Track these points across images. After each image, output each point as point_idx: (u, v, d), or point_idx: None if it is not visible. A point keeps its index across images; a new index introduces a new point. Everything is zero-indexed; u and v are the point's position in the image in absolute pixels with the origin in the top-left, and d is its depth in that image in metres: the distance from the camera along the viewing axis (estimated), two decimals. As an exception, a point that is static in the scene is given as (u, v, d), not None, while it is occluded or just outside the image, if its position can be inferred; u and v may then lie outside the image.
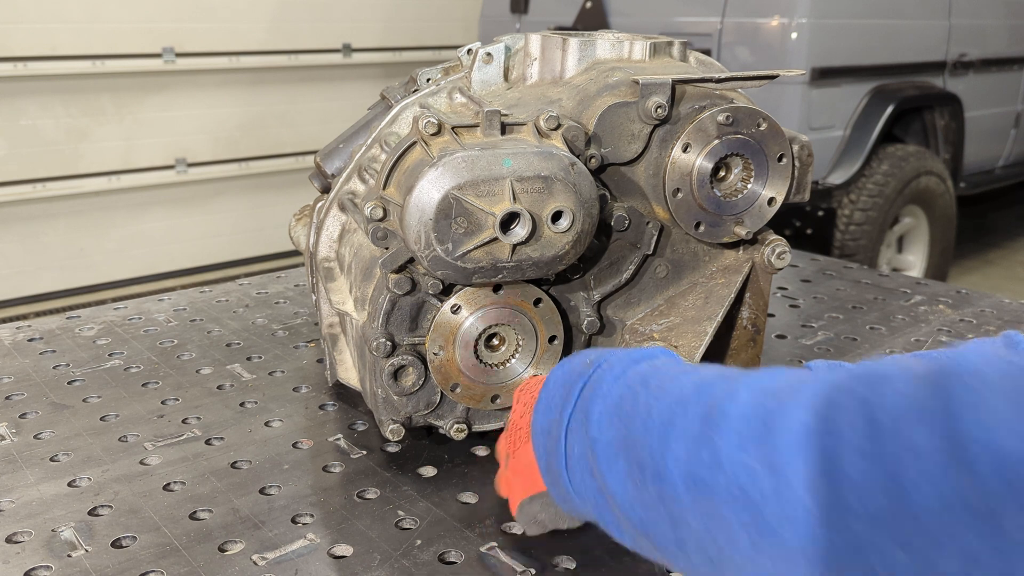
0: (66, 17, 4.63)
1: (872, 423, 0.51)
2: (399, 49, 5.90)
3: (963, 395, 0.48)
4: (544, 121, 0.98)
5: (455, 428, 1.07)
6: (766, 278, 1.13)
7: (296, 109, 5.59)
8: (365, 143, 1.14)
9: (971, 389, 0.48)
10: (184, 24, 5.00)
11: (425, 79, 1.19)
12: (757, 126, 1.04)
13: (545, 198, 0.93)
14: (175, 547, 0.92)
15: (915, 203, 4.47)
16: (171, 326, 1.57)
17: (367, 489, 1.04)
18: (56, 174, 4.78)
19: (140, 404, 1.25)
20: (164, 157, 5.13)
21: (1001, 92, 5.11)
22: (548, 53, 1.13)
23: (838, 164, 4.14)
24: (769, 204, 1.08)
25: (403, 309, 1.01)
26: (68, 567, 0.88)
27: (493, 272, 0.95)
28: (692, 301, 1.11)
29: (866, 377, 0.55)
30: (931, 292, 1.77)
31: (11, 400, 1.27)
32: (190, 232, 5.38)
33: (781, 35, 3.90)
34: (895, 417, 0.50)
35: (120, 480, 1.05)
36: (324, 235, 1.20)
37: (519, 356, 1.05)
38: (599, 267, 1.09)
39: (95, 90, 4.85)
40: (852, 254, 4.13)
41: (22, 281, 4.85)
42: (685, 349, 1.05)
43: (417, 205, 0.90)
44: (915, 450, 0.48)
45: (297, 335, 1.53)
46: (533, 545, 0.93)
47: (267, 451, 1.12)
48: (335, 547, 0.92)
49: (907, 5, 4.37)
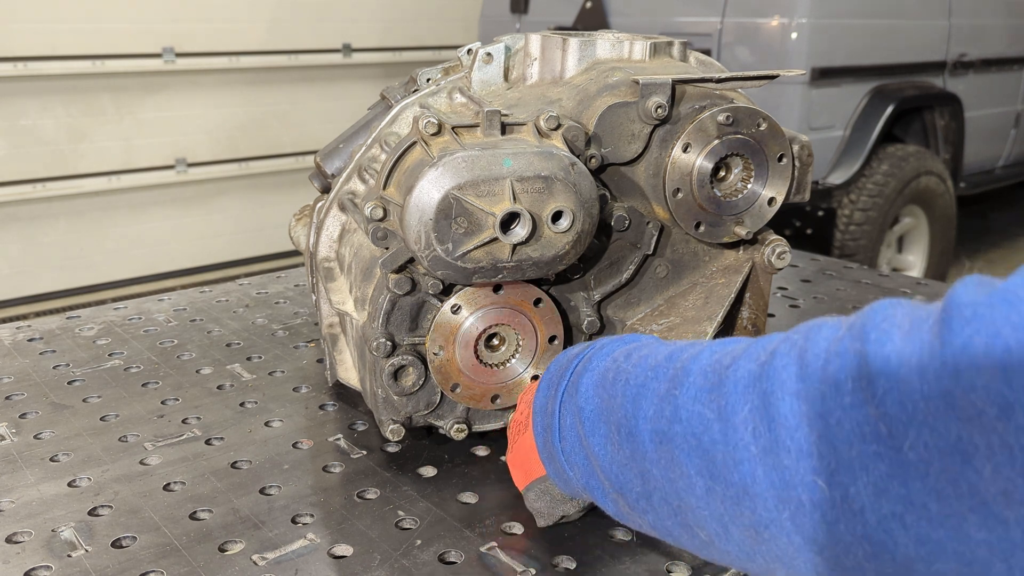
0: (66, 17, 4.63)
1: (803, 365, 0.57)
2: (399, 49, 5.90)
3: (873, 335, 0.53)
4: (544, 121, 0.98)
5: (455, 428, 1.07)
6: (766, 278, 1.13)
7: (296, 109, 5.59)
8: (365, 143, 1.14)
9: (881, 330, 0.53)
10: (184, 24, 4.99)
11: (425, 79, 1.19)
12: (757, 126, 1.04)
13: (545, 198, 0.93)
14: (175, 547, 0.92)
15: (915, 203, 4.47)
16: (171, 326, 1.57)
17: (367, 489, 1.04)
18: (56, 174, 4.78)
19: (140, 404, 1.25)
20: (164, 157, 5.13)
21: (1001, 92, 5.11)
22: (548, 53, 1.13)
23: (838, 164, 4.14)
24: (769, 204, 1.08)
25: (403, 309, 1.01)
26: (68, 567, 0.88)
27: (493, 272, 0.95)
28: (692, 301, 1.11)
29: (806, 327, 0.60)
30: (931, 292, 1.77)
31: (11, 400, 1.27)
32: (190, 232, 5.38)
33: (781, 35, 3.90)
34: (822, 359, 0.55)
35: (120, 480, 1.05)
36: (324, 235, 1.20)
37: (519, 356, 1.05)
38: (599, 267, 1.09)
39: (95, 90, 4.85)
40: (852, 254, 4.13)
41: (22, 281, 4.85)
42: None
43: (417, 205, 0.90)
44: (836, 386, 0.54)
45: (297, 335, 1.53)
46: (533, 545, 0.93)
47: (267, 451, 1.12)
48: (335, 547, 0.92)
49: (907, 5, 4.37)
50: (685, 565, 0.89)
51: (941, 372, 0.48)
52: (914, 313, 0.53)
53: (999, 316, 0.47)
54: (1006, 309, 0.47)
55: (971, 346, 0.48)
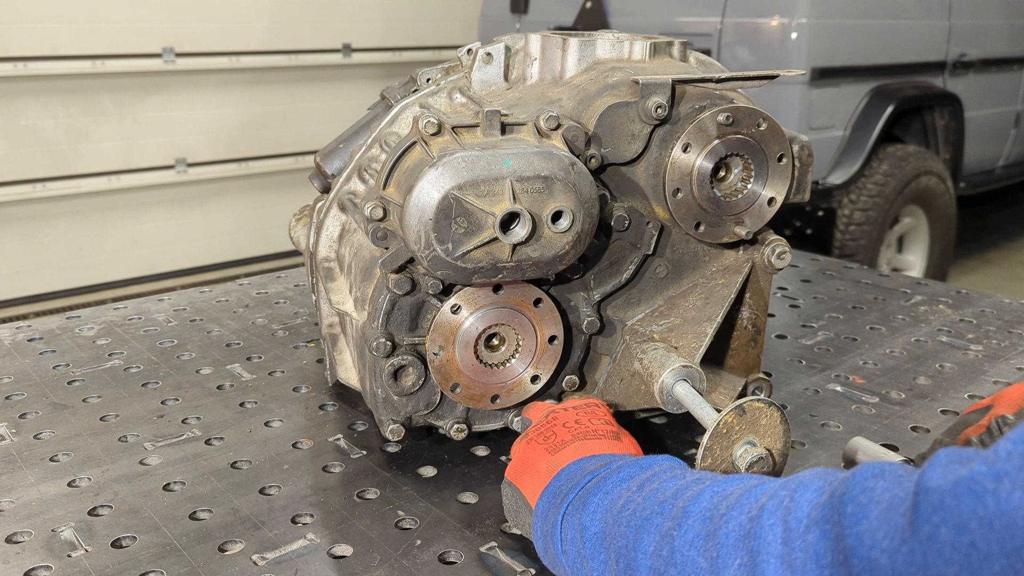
0: (66, 17, 4.63)
1: (787, 528, 0.60)
2: (399, 49, 5.90)
3: (850, 508, 0.56)
4: (544, 121, 0.98)
5: (455, 428, 1.07)
6: (766, 278, 1.12)
7: (296, 109, 5.59)
8: (365, 143, 1.14)
9: (859, 503, 0.56)
10: (184, 24, 4.99)
11: (425, 79, 1.19)
12: (757, 126, 1.04)
13: (545, 198, 0.93)
14: (175, 547, 0.92)
15: (915, 203, 4.46)
16: (171, 326, 1.57)
17: (367, 489, 1.04)
18: (56, 174, 4.78)
19: (140, 404, 1.25)
20: (164, 157, 5.13)
21: (1001, 92, 5.11)
22: (548, 53, 1.13)
23: (838, 164, 4.14)
24: (769, 204, 1.08)
25: (403, 309, 1.01)
26: (68, 567, 0.88)
27: (493, 272, 0.95)
28: (692, 302, 1.11)
29: (795, 482, 0.64)
30: (931, 292, 1.77)
31: (11, 400, 1.27)
32: (190, 232, 5.38)
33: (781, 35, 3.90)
34: (803, 524, 0.59)
35: (120, 480, 1.05)
36: (324, 235, 1.20)
37: (519, 356, 1.05)
38: (599, 267, 1.09)
39: (95, 90, 4.85)
40: (852, 254, 4.13)
41: (22, 281, 4.84)
42: (685, 350, 1.04)
43: (417, 205, 0.90)
44: (816, 558, 0.57)
45: (297, 335, 1.53)
46: (533, 545, 0.93)
47: (267, 451, 1.12)
48: (335, 547, 0.92)
49: (907, 5, 4.37)
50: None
51: (910, 559, 0.51)
52: (894, 490, 0.55)
53: (966, 509, 0.48)
54: (972, 502, 0.48)
55: (938, 537, 0.49)
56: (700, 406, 0.95)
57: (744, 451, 0.89)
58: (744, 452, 0.89)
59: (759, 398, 0.90)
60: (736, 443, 0.89)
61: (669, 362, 1.00)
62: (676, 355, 1.02)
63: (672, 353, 1.02)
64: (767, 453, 0.89)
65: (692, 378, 0.99)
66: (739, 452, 0.89)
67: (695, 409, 0.95)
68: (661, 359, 1.01)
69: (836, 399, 1.29)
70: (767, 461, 0.89)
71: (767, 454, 0.89)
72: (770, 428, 0.91)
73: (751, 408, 0.89)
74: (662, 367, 1.00)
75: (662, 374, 0.99)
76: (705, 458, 0.89)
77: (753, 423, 0.90)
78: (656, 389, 0.99)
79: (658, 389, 0.99)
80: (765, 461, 0.88)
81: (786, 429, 0.92)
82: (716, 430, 0.88)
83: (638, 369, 1.04)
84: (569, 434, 0.90)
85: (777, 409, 0.90)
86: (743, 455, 0.88)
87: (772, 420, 0.90)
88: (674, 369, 0.99)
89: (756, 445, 0.89)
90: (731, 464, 0.90)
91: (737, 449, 0.89)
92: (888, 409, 1.25)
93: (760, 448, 0.89)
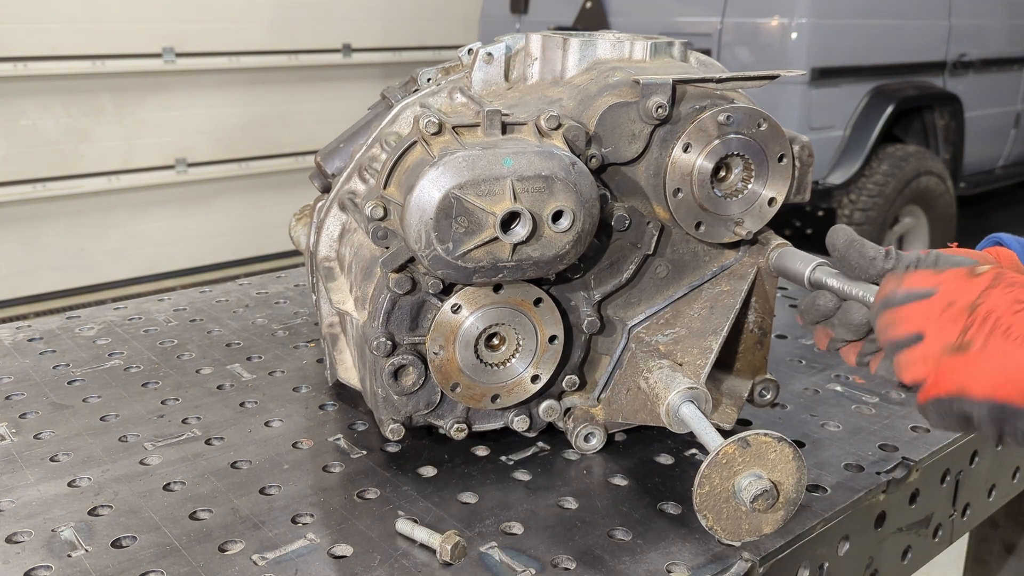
0: (66, 17, 4.63)
1: None
2: (399, 49, 5.90)
3: None
4: (545, 121, 0.98)
5: (455, 428, 1.07)
6: (771, 281, 1.12)
7: (296, 109, 5.59)
8: (365, 143, 1.14)
9: None
10: (184, 24, 4.99)
11: (425, 79, 1.19)
12: (757, 126, 1.04)
13: (546, 198, 0.93)
14: (175, 547, 0.92)
15: (915, 203, 4.47)
16: (171, 326, 1.57)
17: (367, 489, 1.04)
18: (56, 174, 4.78)
19: (140, 404, 1.25)
20: (164, 157, 5.13)
21: (1001, 92, 5.11)
22: (549, 53, 1.13)
23: (838, 164, 4.14)
24: (769, 204, 1.08)
25: (403, 308, 1.01)
26: (68, 567, 0.88)
27: (494, 272, 0.95)
28: (698, 311, 1.11)
29: None
30: (931, 292, 1.77)
31: (11, 400, 1.27)
32: (190, 232, 5.38)
33: (781, 35, 3.90)
34: None
35: (120, 480, 1.05)
36: (324, 235, 1.20)
37: (519, 356, 1.05)
38: (599, 267, 1.09)
39: (95, 90, 4.85)
40: (852, 254, 4.13)
41: (22, 281, 4.84)
42: (690, 367, 1.04)
43: (418, 204, 0.90)
44: None
45: (297, 335, 1.53)
46: (533, 545, 0.93)
47: (267, 451, 1.12)
48: (335, 547, 0.92)
49: (907, 5, 4.37)
50: (684, 566, 0.89)
51: None
52: None
53: None
54: None
55: None
56: (705, 431, 0.94)
57: (749, 483, 0.88)
58: (749, 484, 0.88)
59: (767, 432, 0.89)
60: (739, 474, 0.89)
61: (675, 383, 1.00)
62: (681, 375, 1.01)
63: (678, 373, 1.02)
64: (772, 486, 0.88)
65: (698, 400, 0.99)
66: (744, 483, 0.89)
67: (700, 434, 0.95)
68: (667, 380, 1.01)
69: (836, 399, 1.29)
70: (772, 494, 0.88)
71: (772, 487, 0.88)
72: (780, 463, 0.90)
73: (756, 442, 0.88)
74: (668, 388, 1.00)
75: (668, 396, 0.99)
76: (703, 485, 0.88)
77: (759, 456, 0.89)
78: (662, 411, 0.99)
79: (664, 411, 0.99)
80: (770, 494, 0.88)
81: (799, 465, 0.91)
82: (715, 459, 0.88)
83: (644, 388, 1.04)
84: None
85: (788, 445, 0.90)
86: (748, 487, 0.88)
87: (783, 455, 0.90)
88: (680, 391, 0.98)
89: (762, 478, 0.89)
90: (733, 494, 0.89)
91: (742, 480, 0.89)
92: (888, 409, 1.25)
93: (766, 481, 0.88)
